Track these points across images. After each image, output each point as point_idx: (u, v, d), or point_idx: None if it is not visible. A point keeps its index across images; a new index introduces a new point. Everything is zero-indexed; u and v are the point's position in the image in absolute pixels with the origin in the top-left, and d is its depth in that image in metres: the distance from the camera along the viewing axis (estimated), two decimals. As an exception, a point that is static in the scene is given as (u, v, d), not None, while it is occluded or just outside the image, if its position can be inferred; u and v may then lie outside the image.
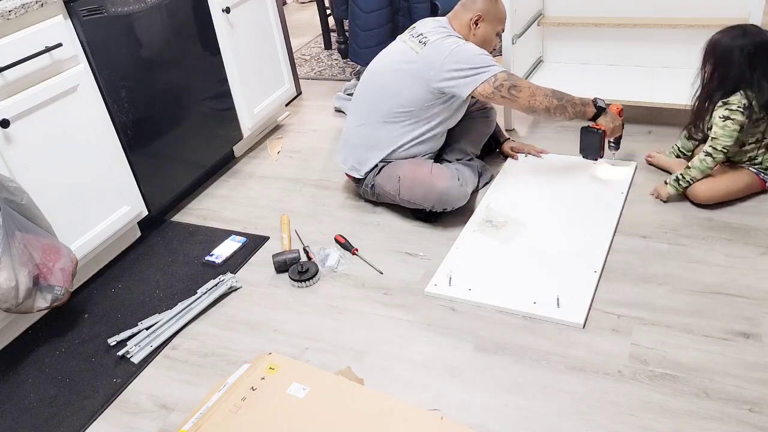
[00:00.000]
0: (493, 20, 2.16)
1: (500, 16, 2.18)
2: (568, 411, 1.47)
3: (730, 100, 1.91)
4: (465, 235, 2.08)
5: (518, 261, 1.94)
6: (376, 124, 2.17)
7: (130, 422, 1.62)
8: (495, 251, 2.00)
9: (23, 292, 1.69)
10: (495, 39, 2.22)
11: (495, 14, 2.15)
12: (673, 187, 2.06)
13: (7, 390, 1.75)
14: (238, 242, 2.22)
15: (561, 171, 2.36)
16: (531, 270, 1.89)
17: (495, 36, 2.21)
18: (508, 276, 1.89)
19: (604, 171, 2.32)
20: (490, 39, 2.20)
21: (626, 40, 2.72)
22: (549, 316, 1.72)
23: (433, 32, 2.09)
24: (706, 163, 1.97)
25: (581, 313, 1.71)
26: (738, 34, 1.90)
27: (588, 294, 1.77)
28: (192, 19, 2.36)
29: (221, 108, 2.58)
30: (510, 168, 2.43)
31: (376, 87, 2.17)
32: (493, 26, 2.17)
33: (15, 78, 1.76)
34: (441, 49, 2.04)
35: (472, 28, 2.15)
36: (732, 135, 1.91)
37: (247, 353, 1.76)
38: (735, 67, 1.89)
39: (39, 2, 1.78)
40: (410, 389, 1.59)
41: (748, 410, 1.41)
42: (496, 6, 2.15)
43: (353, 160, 2.26)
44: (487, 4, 2.13)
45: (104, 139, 2.05)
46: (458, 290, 1.86)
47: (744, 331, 1.60)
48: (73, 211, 1.97)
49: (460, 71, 2.02)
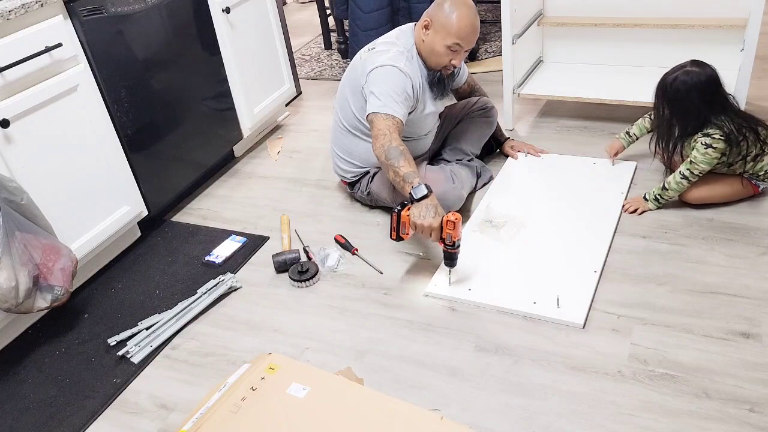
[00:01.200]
0: (441, 30, 1.92)
1: (449, 28, 1.90)
2: (568, 411, 1.47)
3: (710, 131, 1.91)
4: (465, 235, 2.07)
5: (518, 261, 1.94)
6: (346, 133, 2.19)
7: (130, 422, 1.61)
8: (495, 251, 2.00)
9: (23, 292, 1.69)
10: (446, 54, 1.96)
11: (443, 23, 1.91)
12: (655, 205, 2.06)
13: (7, 390, 1.75)
14: (238, 242, 2.22)
15: (561, 171, 2.36)
16: (531, 270, 1.89)
17: (446, 50, 1.94)
18: (507, 276, 1.89)
19: (605, 171, 2.32)
20: (438, 51, 1.96)
21: (626, 40, 2.72)
22: (549, 316, 1.72)
23: (383, 44, 2.04)
24: (683, 185, 1.99)
25: (581, 313, 1.71)
26: (686, 78, 1.91)
27: (588, 294, 1.77)
28: (192, 19, 2.36)
29: (221, 108, 2.58)
30: (510, 168, 2.42)
31: (339, 96, 2.20)
32: (440, 37, 1.93)
33: (15, 78, 1.76)
34: (370, 63, 1.99)
35: (423, 33, 1.99)
36: (711, 162, 1.92)
37: (247, 353, 1.76)
38: (694, 109, 1.91)
39: (39, 2, 1.78)
40: (410, 389, 1.59)
41: (748, 410, 1.41)
42: (448, 16, 1.90)
43: (337, 166, 2.30)
44: (436, 10, 1.93)
45: (104, 139, 2.05)
46: (458, 290, 1.86)
47: (744, 331, 1.60)
48: (73, 211, 1.97)
49: (370, 92, 1.95)
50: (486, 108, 2.38)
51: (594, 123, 2.67)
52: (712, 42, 2.56)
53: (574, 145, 2.51)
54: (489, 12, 4.19)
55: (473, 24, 1.93)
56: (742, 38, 2.21)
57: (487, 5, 4.26)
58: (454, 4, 1.91)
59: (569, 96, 2.61)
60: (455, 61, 1.99)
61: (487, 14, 4.17)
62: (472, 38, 1.96)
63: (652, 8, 2.56)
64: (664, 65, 2.68)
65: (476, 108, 2.38)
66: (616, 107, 2.64)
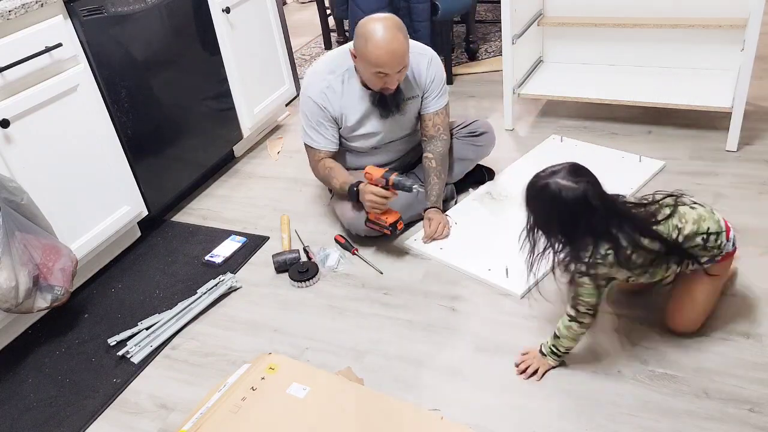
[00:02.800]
0: (362, 59, 1.86)
1: (369, 58, 1.83)
2: (568, 411, 1.47)
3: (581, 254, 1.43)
4: (464, 202, 2.24)
5: (497, 232, 2.06)
6: None
7: (130, 422, 1.61)
8: (482, 220, 2.13)
9: (23, 292, 1.69)
10: (377, 79, 1.89)
11: (362, 53, 1.85)
12: (554, 360, 1.57)
13: (7, 390, 1.75)
14: (238, 242, 2.22)
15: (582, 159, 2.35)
16: (503, 242, 1.97)
17: (377, 76, 1.87)
18: (480, 243, 2.02)
19: (628, 165, 2.31)
20: (369, 78, 1.91)
21: (626, 40, 2.72)
22: (495, 283, 1.86)
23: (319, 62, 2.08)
24: (574, 329, 1.50)
25: (523, 285, 1.80)
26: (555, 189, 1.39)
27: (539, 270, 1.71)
28: (192, 19, 2.36)
29: (221, 108, 2.58)
30: (540, 150, 2.49)
31: None
32: (363, 65, 1.88)
33: (15, 78, 1.76)
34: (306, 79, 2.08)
35: (353, 60, 1.94)
36: (592, 293, 1.45)
37: (247, 353, 1.76)
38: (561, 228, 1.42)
39: (39, 2, 1.78)
40: (410, 389, 1.59)
41: (748, 410, 1.41)
42: (366, 47, 1.82)
43: None
44: (358, 41, 1.86)
45: (104, 139, 2.05)
46: (431, 248, 2.03)
47: (744, 331, 1.60)
48: (73, 211, 1.97)
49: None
50: (475, 132, 2.22)
51: (594, 123, 2.67)
52: (712, 42, 2.56)
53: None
54: (489, 12, 4.19)
55: (390, 50, 1.81)
56: (742, 38, 2.21)
57: (487, 5, 4.26)
58: (369, 31, 1.82)
59: (569, 96, 2.61)
60: (389, 84, 1.90)
61: (487, 14, 4.17)
62: (394, 63, 1.84)
63: (652, 8, 2.55)
64: (664, 65, 2.71)
65: (462, 127, 2.24)
66: (616, 107, 2.64)
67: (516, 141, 2.63)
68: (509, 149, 2.56)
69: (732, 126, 2.29)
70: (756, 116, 2.52)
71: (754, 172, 2.20)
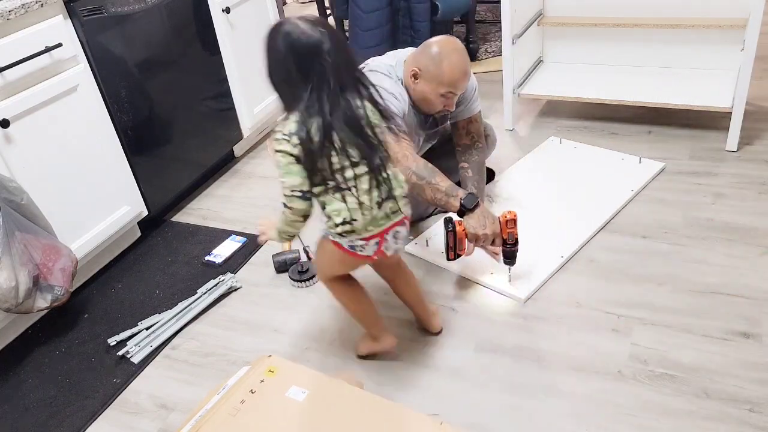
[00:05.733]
0: (432, 81, 1.82)
1: (442, 79, 1.80)
2: (568, 411, 1.47)
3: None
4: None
5: None
6: None
7: (130, 422, 1.62)
8: None
9: (23, 292, 1.69)
10: (440, 101, 1.86)
11: (435, 75, 1.81)
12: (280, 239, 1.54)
13: (7, 390, 1.75)
14: (238, 242, 2.22)
15: (583, 161, 2.38)
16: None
17: (440, 97, 1.85)
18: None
19: (628, 167, 2.31)
20: (429, 99, 1.87)
21: (626, 40, 2.72)
22: (498, 288, 1.84)
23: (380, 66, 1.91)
24: (286, 215, 1.41)
25: (527, 289, 1.80)
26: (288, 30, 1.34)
27: (542, 275, 1.85)
28: (192, 19, 2.36)
29: (221, 108, 2.57)
30: (540, 152, 2.48)
31: None
32: (432, 87, 1.83)
33: (15, 78, 1.76)
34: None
35: (412, 81, 1.87)
36: (290, 171, 1.36)
37: (247, 353, 1.76)
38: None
39: (39, 2, 1.78)
40: (410, 390, 1.58)
41: (748, 410, 1.41)
42: (439, 67, 1.79)
43: None
44: (427, 62, 1.82)
45: (104, 139, 2.05)
46: (430, 252, 2.01)
47: (744, 331, 1.60)
48: (73, 211, 1.97)
49: None
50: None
51: (594, 123, 2.67)
52: (712, 42, 2.56)
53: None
54: (489, 12, 4.19)
55: (464, 70, 1.82)
56: (742, 38, 2.21)
57: (487, 5, 4.25)
58: (443, 51, 1.81)
59: (569, 96, 2.62)
60: (448, 106, 1.89)
61: (487, 14, 4.16)
62: (465, 83, 1.86)
63: (652, 8, 2.56)
64: (664, 65, 2.71)
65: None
66: (616, 107, 2.64)
67: (516, 141, 2.63)
68: (509, 149, 2.56)
69: (732, 126, 2.29)
70: (756, 116, 2.52)
71: (754, 172, 2.20)
